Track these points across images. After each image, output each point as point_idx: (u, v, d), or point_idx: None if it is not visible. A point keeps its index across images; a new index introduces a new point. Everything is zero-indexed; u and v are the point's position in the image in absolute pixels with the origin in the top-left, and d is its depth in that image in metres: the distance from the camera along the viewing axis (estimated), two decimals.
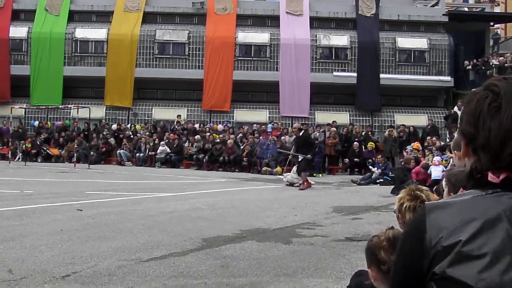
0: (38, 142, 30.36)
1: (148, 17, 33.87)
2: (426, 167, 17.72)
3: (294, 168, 18.79)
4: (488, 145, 1.67)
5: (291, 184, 18.18)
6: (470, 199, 1.68)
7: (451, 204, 1.70)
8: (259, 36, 33.31)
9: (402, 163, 21.44)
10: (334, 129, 27.71)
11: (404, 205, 3.45)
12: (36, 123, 32.77)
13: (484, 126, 1.68)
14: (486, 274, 1.55)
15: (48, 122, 32.81)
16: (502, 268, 1.55)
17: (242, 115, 32.76)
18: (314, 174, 23.78)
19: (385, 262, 3.01)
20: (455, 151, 3.83)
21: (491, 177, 1.67)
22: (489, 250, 1.57)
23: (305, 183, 17.62)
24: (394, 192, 15.88)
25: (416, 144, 24.03)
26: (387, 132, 28.28)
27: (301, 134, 18.83)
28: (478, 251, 1.57)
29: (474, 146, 1.73)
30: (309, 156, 18.07)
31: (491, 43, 38.08)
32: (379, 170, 21.59)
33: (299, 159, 18.21)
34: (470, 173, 1.76)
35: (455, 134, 21.56)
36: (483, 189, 1.70)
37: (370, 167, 22.45)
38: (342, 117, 31.82)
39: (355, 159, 26.15)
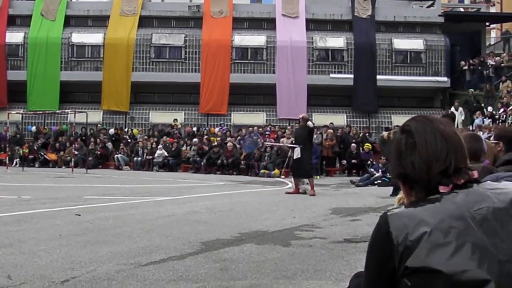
0: (35, 147, 30.32)
1: (144, 21, 33.90)
2: None
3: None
4: (416, 176, 1.95)
5: (304, 192, 16.65)
6: (426, 203, 1.89)
7: (409, 210, 1.90)
8: (255, 39, 33.35)
9: None
10: (331, 130, 27.69)
11: None
12: (33, 128, 32.74)
13: (407, 162, 1.97)
14: (454, 260, 1.74)
15: (46, 127, 32.80)
16: (468, 252, 1.75)
17: (239, 118, 32.78)
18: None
19: None
20: None
21: (442, 188, 1.92)
22: (453, 238, 1.77)
23: (296, 187, 16.73)
24: (394, 195, 15.85)
25: None
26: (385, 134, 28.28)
27: (307, 124, 16.93)
28: (444, 240, 1.76)
29: (409, 183, 2.00)
30: (300, 146, 16.39)
31: (501, 40, 38.11)
32: (380, 172, 21.53)
33: (294, 157, 16.78)
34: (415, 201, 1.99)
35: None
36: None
37: (372, 169, 22.14)
38: (339, 119, 31.87)
39: (353, 161, 26.17)
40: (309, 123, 17.03)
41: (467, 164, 1.99)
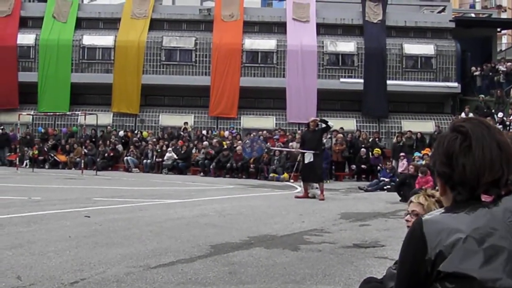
0: (45, 149, 30.42)
1: (155, 24, 33.99)
2: (424, 171, 17.25)
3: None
4: (465, 180, 1.90)
5: (313, 196, 16.57)
6: (462, 210, 1.88)
7: (444, 215, 1.90)
8: (266, 43, 33.37)
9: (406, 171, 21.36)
10: (341, 135, 27.64)
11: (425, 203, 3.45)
12: (42, 130, 32.84)
13: (458, 164, 1.91)
14: (487, 267, 1.75)
15: (56, 129, 32.91)
16: (502, 262, 1.76)
17: (249, 121, 32.78)
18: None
19: None
20: None
21: (484, 197, 1.90)
22: (487, 246, 1.77)
23: (305, 192, 16.70)
24: (403, 200, 15.78)
25: (427, 150, 23.89)
26: (395, 139, 28.29)
27: (317, 129, 16.86)
28: (478, 247, 1.77)
29: (451, 183, 1.95)
30: (316, 152, 16.31)
31: None
32: (387, 179, 21.45)
33: (306, 161, 16.58)
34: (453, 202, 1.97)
35: None
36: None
37: (382, 178, 21.95)
38: (349, 124, 31.80)
39: (362, 166, 26.10)
40: (330, 123, 16.92)
41: None
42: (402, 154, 24.64)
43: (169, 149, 28.62)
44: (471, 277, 1.74)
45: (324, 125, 16.86)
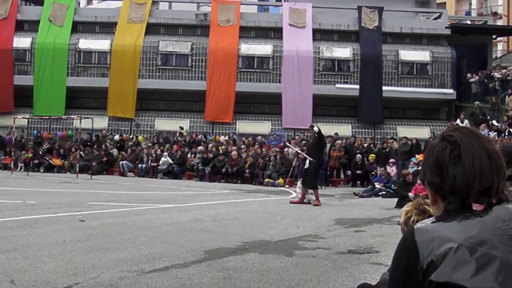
0: (40, 152, 30.35)
1: (152, 29, 33.98)
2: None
3: (299, 183, 17.60)
4: (455, 189, 1.90)
5: (308, 202, 16.53)
6: (454, 219, 1.88)
7: (436, 224, 1.89)
8: (262, 48, 33.38)
9: (400, 178, 21.36)
10: (339, 141, 27.59)
11: (412, 219, 3.45)
12: (37, 133, 32.75)
13: (449, 174, 1.91)
14: (479, 277, 1.74)
15: (51, 132, 32.85)
16: (494, 271, 1.75)
17: (245, 126, 32.76)
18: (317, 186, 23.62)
19: None
20: None
21: (475, 206, 1.90)
22: (479, 256, 1.77)
23: (302, 196, 16.70)
24: (398, 206, 15.80)
25: (421, 157, 23.96)
26: (381, 146, 28.46)
27: (316, 135, 17.30)
28: (470, 256, 1.76)
29: (442, 193, 1.95)
30: (313, 160, 16.57)
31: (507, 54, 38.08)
32: (382, 184, 21.47)
33: (305, 166, 16.93)
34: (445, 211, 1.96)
35: None
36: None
37: (376, 184, 21.95)
38: (345, 129, 31.81)
39: (358, 171, 26.11)
40: (315, 128, 17.14)
41: (505, 184, 1.95)
42: (391, 160, 24.66)
43: (165, 153, 28.59)
44: (463, 287, 1.74)
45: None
